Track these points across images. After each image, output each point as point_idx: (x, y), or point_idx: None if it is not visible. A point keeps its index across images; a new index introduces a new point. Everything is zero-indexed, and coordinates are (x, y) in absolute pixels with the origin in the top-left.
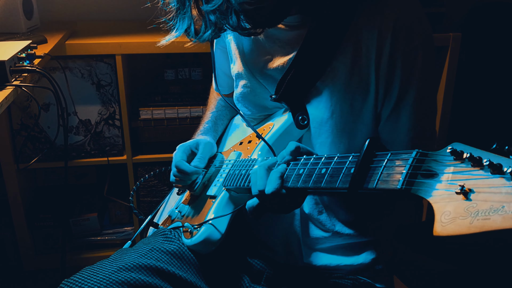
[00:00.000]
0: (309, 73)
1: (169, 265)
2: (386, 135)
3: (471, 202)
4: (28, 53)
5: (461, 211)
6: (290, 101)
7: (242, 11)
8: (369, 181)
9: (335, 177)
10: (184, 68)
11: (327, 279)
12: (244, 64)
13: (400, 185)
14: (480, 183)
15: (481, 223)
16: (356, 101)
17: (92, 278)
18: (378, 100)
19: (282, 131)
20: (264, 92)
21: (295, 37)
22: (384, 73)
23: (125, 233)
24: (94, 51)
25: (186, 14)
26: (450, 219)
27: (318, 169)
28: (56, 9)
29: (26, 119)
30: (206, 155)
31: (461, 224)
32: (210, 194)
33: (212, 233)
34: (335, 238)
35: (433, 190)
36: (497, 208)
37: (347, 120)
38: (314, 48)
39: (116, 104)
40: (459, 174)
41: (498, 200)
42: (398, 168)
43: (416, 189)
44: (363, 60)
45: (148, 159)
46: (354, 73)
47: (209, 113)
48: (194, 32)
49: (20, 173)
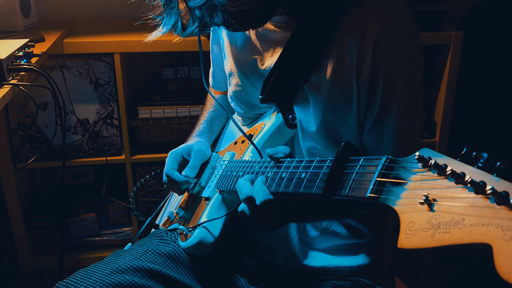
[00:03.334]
0: (292, 76)
1: (164, 267)
2: (370, 145)
3: (434, 214)
4: (25, 51)
5: (424, 222)
6: (277, 101)
7: (225, 12)
8: (342, 187)
9: (312, 182)
10: (183, 67)
11: (325, 280)
12: (236, 63)
13: (368, 193)
14: (443, 193)
15: (442, 236)
16: (338, 109)
17: (86, 281)
18: (361, 110)
19: (273, 130)
20: (255, 91)
21: (283, 37)
22: (366, 85)
23: (124, 233)
24: (92, 49)
25: (174, 9)
26: (413, 231)
27: (298, 173)
28: (54, 7)
29: (23, 118)
30: (198, 164)
31: (423, 237)
32: (204, 196)
33: (206, 236)
34: (332, 238)
35: (399, 199)
36: (457, 221)
37: (330, 127)
38: (297, 51)
39: (115, 103)
40: (424, 183)
41: (459, 213)
42: (368, 175)
43: (384, 198)
44: (346, 67)
45: (147, 158)
46: (337, 81)
47: (206, 112)
48: (181, 27)
49: (17, 173)
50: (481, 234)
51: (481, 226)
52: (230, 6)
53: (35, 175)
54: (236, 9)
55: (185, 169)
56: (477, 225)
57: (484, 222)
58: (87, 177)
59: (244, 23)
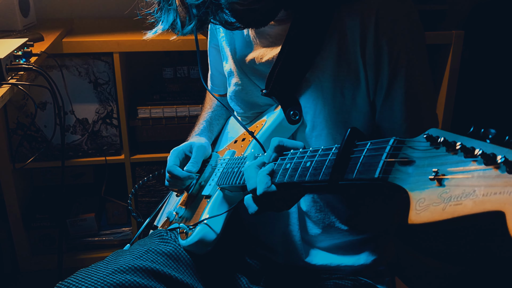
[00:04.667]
0: (297, 65)
1: (165, 267)
2: (385, 124)
3: (444, 188)
4: (24, 51)
5: (435, 197)
6: (281, 95)
7: (231, 10)
8: (349, 171)
9: (318, 170)
10: (182, 66)
11: (327, 279)
12: (235, 62)
13: (377, 173)
14: (454, 168)
15: (453, 208)
16: (347, 89)
17: (87, 281)
18: (370, 87)
19: (275, 126)
20: (255, 89)
21: (283, 31)
22: (372, 60)
23: (123, 233)
24: (91, 49)
25: (172, 6)
26: (424, 206)
27: (303, 162)
28: (53, 7)
29: (22, 118)
30: (200, 159)
31: (434, 210)
32: (205, 194)
33: (207, 233)
34: (334, 234)
35: (409, 177)
36: (469, 193)
37: (341, 110)
38: (299, 38)
39: (114, 103)
40: (434, 160)
41: (470, 185)
42: (376, 157)
43: (393, 177)
44: (349, 47)
45: (146, 158)
46: (342, 62)
47: (205, 113)
48: (180, 25)
49: (16, 172)
50: (493, 202)
51: (493, 195)
52: (238, 4)
53: (34, 175)
54: (244, 8)
55: (187, 165)
56: (489, 195)
57: (496, 191)
58: (87, 177)
59: (249, 23)
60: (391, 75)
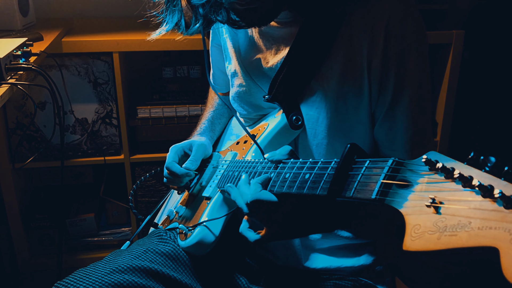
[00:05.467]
0: (302, 72)
1: (163, 267)
2: (383, 136)
3: (440, 216)
4: (23, 50)
5: (430, 225)
6: (284, 101)
7: (232, 10)
8: (347, 189)
9: (316, 184)
10: (182, 66)
11: (327, 280)
12: (240, 63)
13: (374, 195)
14: (450, 196)
15: (448, 239)
16: (350, 99)
17: (85, 280)
18: (372, 99)
19: (277, 131)
20: (259, 91)
21: (288, 34)
22: (378, 73)
23: (123, 233)
24: (91, 48)
25: (177, 7)
26: (419, 233)
27: (302, 174)
28: (52, 6)
29: (21, 117)
30: (199, 157)
31: (429, 239)
32: (205, 195)
33: (206, 236)
34: (334, 239)
35: (406, 201)
36: (464, 224)
37: (343, 119)
38: (306, 46)
39: (113, 103)
40: (431, 185)
41: (465, 216)
42: (374, 177)
43: (390, 200)
44: (357, 58)
45: (146, 158)
46: (348, 72)
47: (207, 112)
48: (184, 25)
49: (15, 172)
50: (488, 238)
51: (488, 229)
52: (238, 4)
53: (34, 175)
54: (243, 7)
55: (186, 162)
56: (484, 229)
57: (491, 225)
58: (86, 177)
59: (251, 22)
60: (397, 88)
